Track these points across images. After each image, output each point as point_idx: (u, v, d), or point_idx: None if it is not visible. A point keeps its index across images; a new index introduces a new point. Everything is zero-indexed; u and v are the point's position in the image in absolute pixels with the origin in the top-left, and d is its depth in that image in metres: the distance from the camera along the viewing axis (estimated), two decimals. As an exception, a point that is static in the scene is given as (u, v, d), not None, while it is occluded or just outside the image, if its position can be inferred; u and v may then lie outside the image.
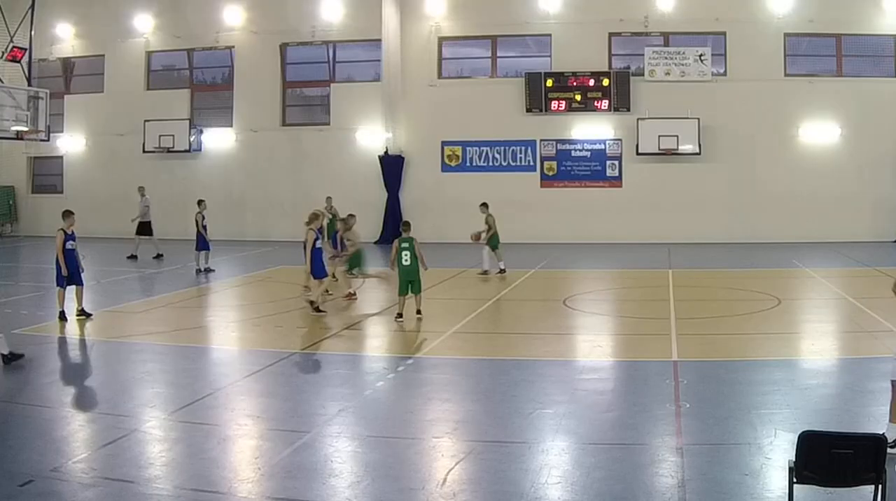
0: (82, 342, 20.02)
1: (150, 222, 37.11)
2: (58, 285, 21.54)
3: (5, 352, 16.67)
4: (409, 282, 20.93)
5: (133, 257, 35.53)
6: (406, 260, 20.94)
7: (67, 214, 21.82)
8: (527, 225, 40.16)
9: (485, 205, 30.04)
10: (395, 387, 15.16)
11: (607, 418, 12.93)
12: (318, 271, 22.18)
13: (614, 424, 12.59)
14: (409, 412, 13.73)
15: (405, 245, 21.05)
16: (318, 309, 21.89)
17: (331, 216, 33.83)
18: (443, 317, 21.84)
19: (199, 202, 32.08)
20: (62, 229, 21.42)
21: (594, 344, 18.71)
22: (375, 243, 41.09)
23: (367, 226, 40.19)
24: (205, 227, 31.38)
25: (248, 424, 12.94)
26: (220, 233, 39.80)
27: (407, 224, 21.94)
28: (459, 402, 14.15)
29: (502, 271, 29.03)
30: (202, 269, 31.06)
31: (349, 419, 13.12)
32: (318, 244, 22.53)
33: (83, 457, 11.34)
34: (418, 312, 21.09)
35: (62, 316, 21.23)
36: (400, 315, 21.01)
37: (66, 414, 13.78)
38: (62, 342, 19.86)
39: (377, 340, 20.20)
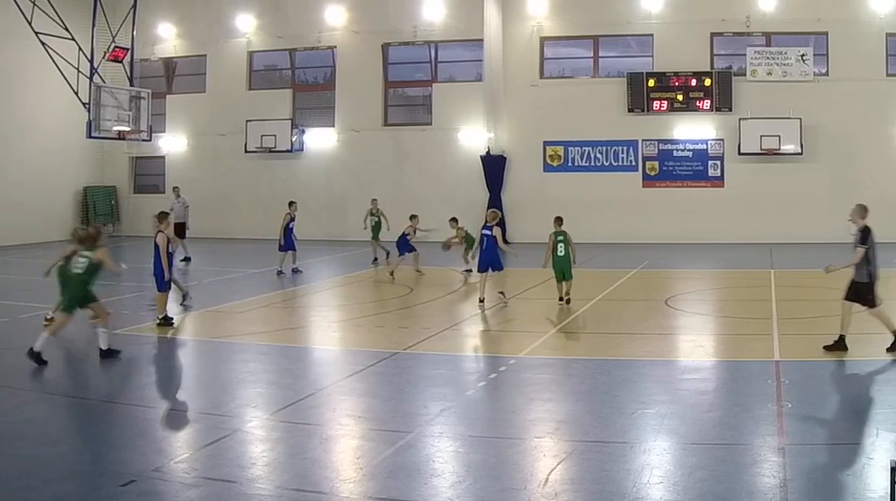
0: (184, 342, 21.33)
1: (184, 223, 38.24)
2: (161, 290, 22.29)
3: (104, 348, 18.15)
4: (562, 271, 24.77)
5: (187, 259, 37.21)
6: (560, 252, 24.81)
7: (164, 216, 22.74)
8: (628, 225, 43.83)
9: (454, 219, 32.67)
10: (496, 387, 16.06)
11: (709, 418, 13.57)
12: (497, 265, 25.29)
13: (716, 424, 13.20)
14: (510, 412, 14.44)
15: (560, 238, 25.01)
16: (501, 293, 25.20)
17: (376, 219, 37.02)
18: (545, 317, 23.73)
19: (290, 203, 34.17)
20: (162, 231, 22.18)
21: (696, 344, 19.72)
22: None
23: (468, 227, 42.95)
24: (290, 229, 33.04)
25: (350, 424, 13.77)
26: (321, 233, 43.60)
27: (560, 219, 25.43)
28: (561, 402, 15.00)
29: (469, 271, 31.04)
30: (281, 270, 32.72)
31: (451, 419, 13.89)
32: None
33: (185, 457, 12.16)
34: (568, 299, 24.78)
35: (168, 321, 22.08)
36: (561, 298, 24.83)
37: (167, 414, 14.76)
38: (163, 342, 21.04)
39: (479, 340, 21.68)
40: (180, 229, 36.99)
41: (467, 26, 45.91)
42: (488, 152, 45.99)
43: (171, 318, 22.39)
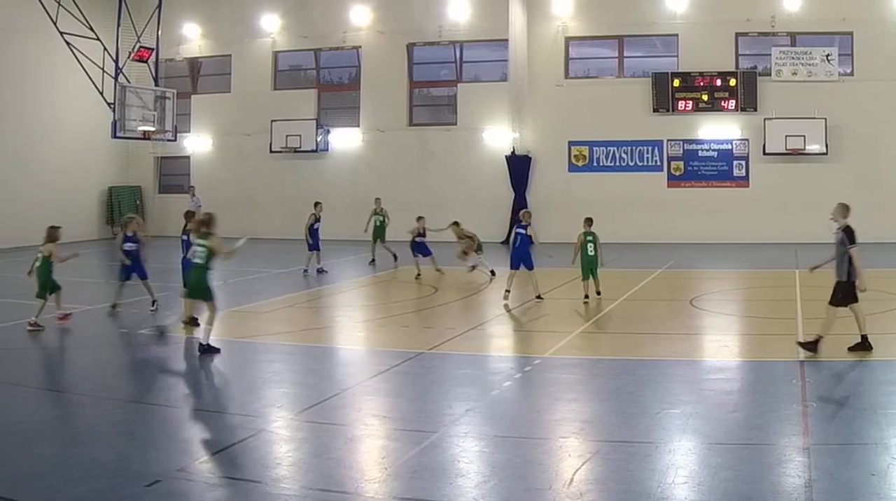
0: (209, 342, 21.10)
1: None
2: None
3: (204, 343, 18.84)
4: (590, 269, 26.01)
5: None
6: (590, 251, 26.01)
7: (191, 215, 24.16)
8: (654, 225, 44.60)
9: (455, 223, 33.18)
10: (521, 387, 16.38)
11: (734, 418, 13.79)
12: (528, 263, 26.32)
13: (741, 424, 13.42)
14: (535, 412, 14.74)
15: (589, 238, 26.22)
16: (539, 297, 25.90)
17: (381, 218, 37.49)
18: (569, 317, 24.15)
19: (316, 204, 34.78)
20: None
21: (721, 344, 19.92)
22: (502, 243, 44.58)
23: (494, 226, 44.97)
24: (316, 229, 33.76)
25: (375, 424, 14.06)
26: (347, 233, 44.14)
27: (590, 220, 26.76)
28: (586, 402, 15.27)
29: (474, 268, 32.13)
30: (307, 270, 33.75)
31: (476, 419, 14.14)
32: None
33: (210, 457, 12.45)
34: (598, 291, 26.16)
35: (194, 322, 21.88)
36: (587, 296, 25.82)
37: (192, 414, 15.03)
38: (189, 342, 21.03)
39: (504, 340, 22.06)
40: None
41: (492, 26, 46.72)
42: (513, 152, 46.91)
43: (197, 319, 22.40)
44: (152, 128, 44.21)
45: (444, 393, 16.10)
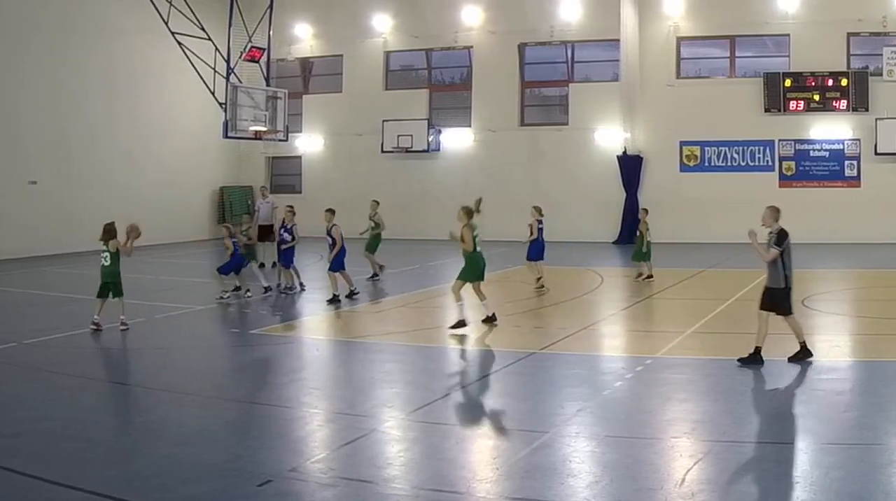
0: (320, 342, 23.27)
1: (272, 226, 37.10)
2: (340, 269, 28.02)
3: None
4: (647, 253, 31.90)
5: (261, 265, 35.72)
6: (648, 238, 32.00)
7: (332, 212, 29.04)
8: (765, 225, 46.38)
9: (375, 201, 36.71)
10: (633, 387, 17.04)
11: (846, 418, 14.33)
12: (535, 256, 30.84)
13: (853, 424, 13.92)
14: (647, 412, 15.35)
15: (648, 227, 32.61)
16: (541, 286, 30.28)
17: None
18: (681, 317, 25.55)
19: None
20: (336, 225, 28.46)
21: (833, 344, 20.16)
22: (614, 243, 48.20)
23: (605, 227, 48.50)
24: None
25: (487, 424, 15.09)
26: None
27: (645, 211, 33.27)
28: (698, 402, 15.87)
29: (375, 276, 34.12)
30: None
31: (587, 419, 14.76)
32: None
33: (321, 457, 13.07)
34: (650, 276, 31.46)
35: (335, 299, 27.47)
36: (639, 275, 31.85)
37: (304, 414, 15.73)
38: (300, 342, 22.98)
39: (615, 340, 23.05)
40: (266, 232, 37.09)
41: (604, 26, 49.42)
42: (625, 152, 49.66)
43: (339, 301, 27.10)
44: (264, 128, 46.11)
45: (556, 392, 16.70)
